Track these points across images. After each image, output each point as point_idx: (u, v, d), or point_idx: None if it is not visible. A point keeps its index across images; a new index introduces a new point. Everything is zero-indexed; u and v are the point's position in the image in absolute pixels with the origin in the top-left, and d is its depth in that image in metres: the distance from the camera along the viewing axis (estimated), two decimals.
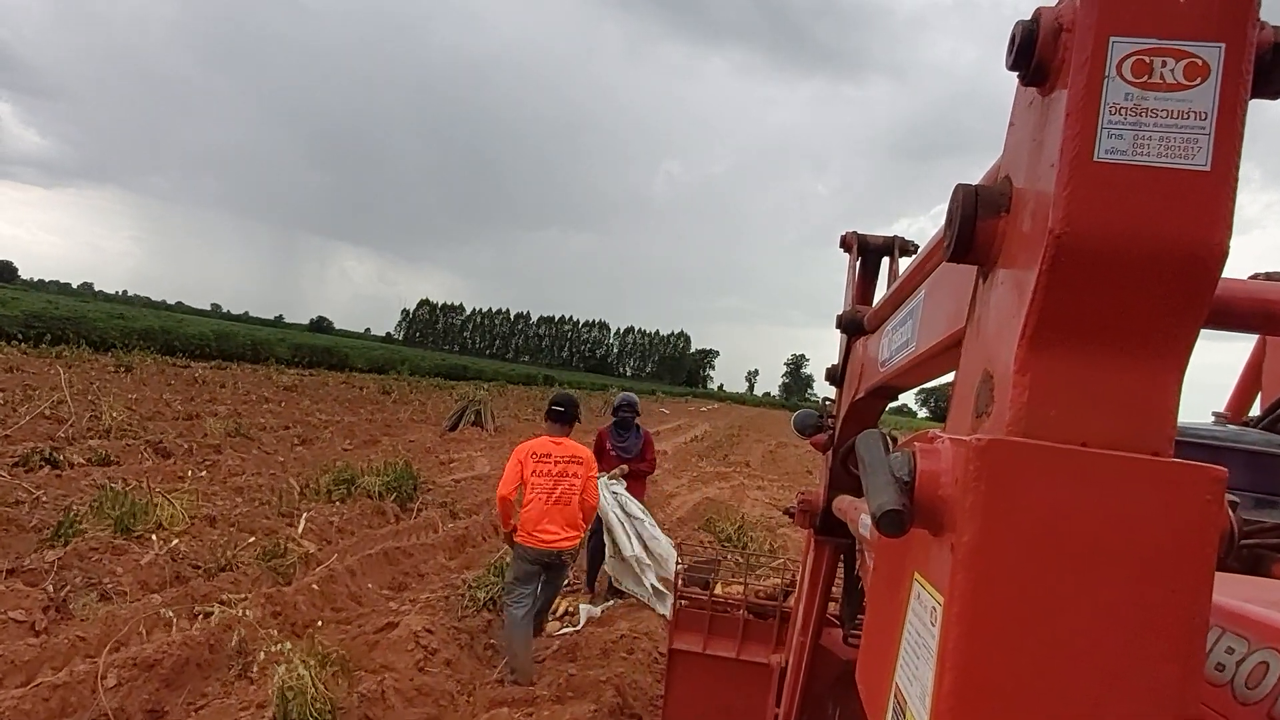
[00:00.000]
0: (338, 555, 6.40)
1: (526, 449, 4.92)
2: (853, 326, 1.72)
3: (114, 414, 10.98)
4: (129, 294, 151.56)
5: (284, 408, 17.07)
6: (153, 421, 12.07)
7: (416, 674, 4.49)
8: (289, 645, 3.74)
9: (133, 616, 4.51)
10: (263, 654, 3.91)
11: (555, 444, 4.94)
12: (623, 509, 6.08)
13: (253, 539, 6.27)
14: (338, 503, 8.07)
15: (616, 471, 6.37)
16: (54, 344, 21.83)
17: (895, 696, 0.71)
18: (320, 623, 5.16)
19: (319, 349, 37.95)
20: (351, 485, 8.48)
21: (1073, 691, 0.56)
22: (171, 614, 4.58)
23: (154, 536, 5.73)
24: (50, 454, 8.21)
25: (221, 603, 5.07)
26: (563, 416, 5.02)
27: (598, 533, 6.14)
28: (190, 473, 8.22)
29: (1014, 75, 0.64)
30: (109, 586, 5.00)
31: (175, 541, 5.78)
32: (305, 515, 7.09)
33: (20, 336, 21.63)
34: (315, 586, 5.47)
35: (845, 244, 1.98)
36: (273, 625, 4.81)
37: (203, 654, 4.27)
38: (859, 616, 2.02)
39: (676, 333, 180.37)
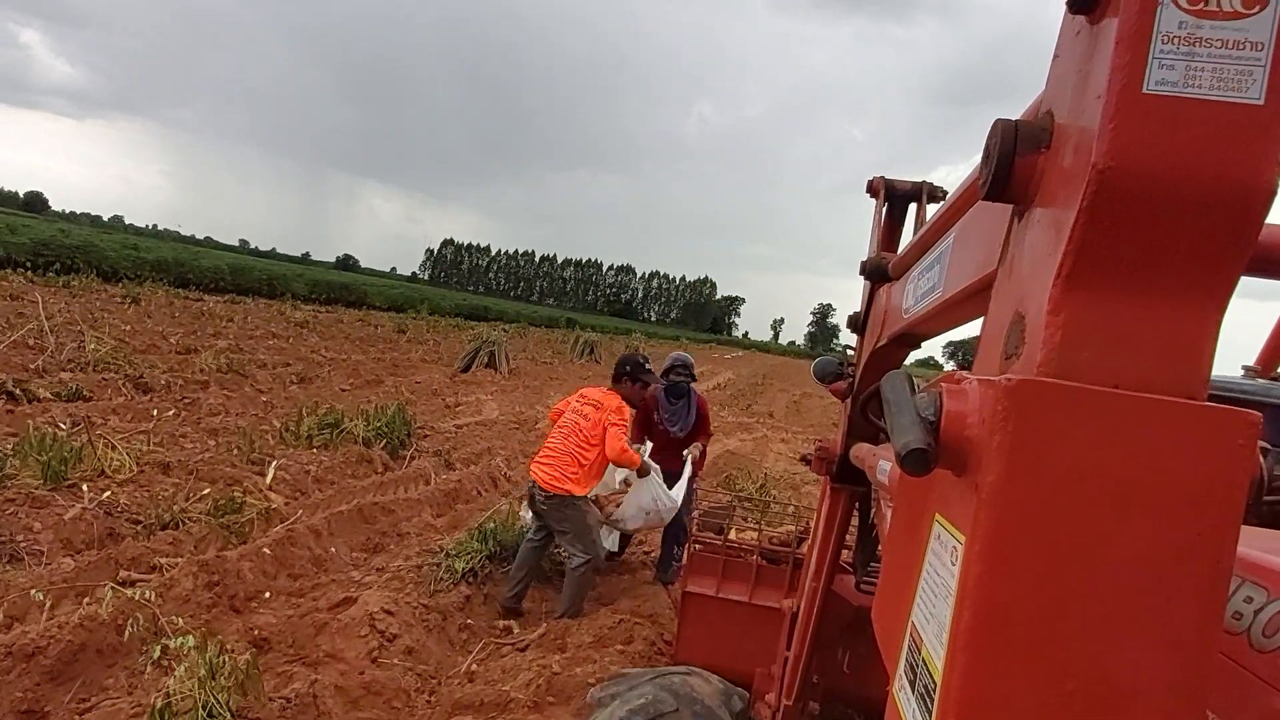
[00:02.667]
0: (305, 511, 5.64)
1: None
2: (877, 273, 1.68)
3: (100, 345, 10.31)
4: (159, 228, 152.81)
5: (290, 344, 16.36)
6: (144, 355, 11.39)
7: (368, 666, 3.71)
8: (190, 639, 2.94)
9: (32, 586, 3.76)
10: (157, 650, 3.11)
11: (593, 390, 4.99)
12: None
13: (209, 489, 5.51)
14: (319, 449, 7.30)
15: (688, 453, 5.44)
16: (63, 273, 21.29)
17: (911, 635, 0.70)
18: (268, 594, 4.40)
19: (337, 285, 37.17)
20: (336, 429, 7.71)
21: (1090, 630, 0.55)
22: (50, 590, 3.80)
23: (86, 487, 4.97)
24: (13, 387, 7.55)
25: (152, 568, 4.33)
26: (614, 374, 5.08)
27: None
28: (156, 411, 7.48)
29: (1062, 8, 0.61)
30: (22, 547, 4.27)
31: (111, 492, 5.02)
32: (276, 463, 6.32)
33: (28, 265, 21.09)
34: (268, 550, 4.69)
35: (872, 189, 1.94)
36: (204, 599, 4.05)
37: (107, 637, 3.51)
38: (872, 564, 2.06)
39: (702, 278, 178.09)
